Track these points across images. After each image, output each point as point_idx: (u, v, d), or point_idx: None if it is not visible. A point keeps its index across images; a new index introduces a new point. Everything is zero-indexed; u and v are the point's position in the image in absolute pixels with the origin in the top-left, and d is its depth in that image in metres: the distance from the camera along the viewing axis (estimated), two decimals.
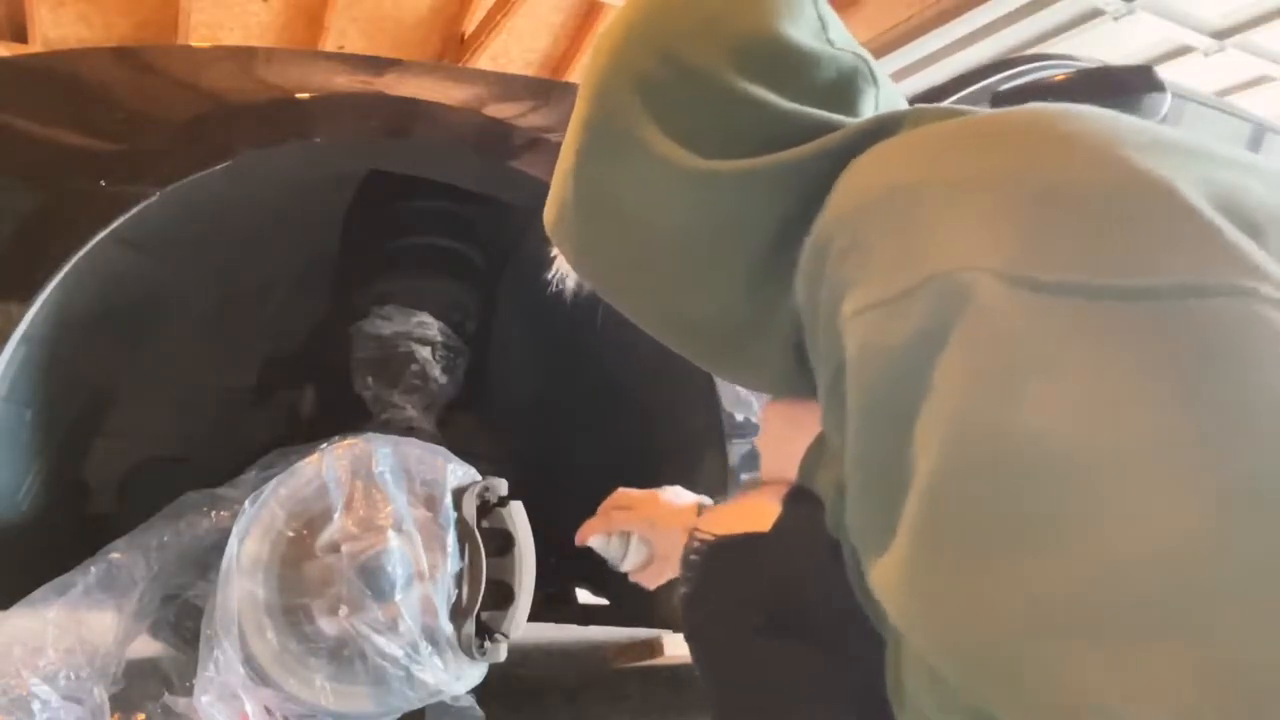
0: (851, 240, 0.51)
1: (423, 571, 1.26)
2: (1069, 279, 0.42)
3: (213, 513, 1.31)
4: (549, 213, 0.76)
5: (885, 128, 0.60)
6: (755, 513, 0.71)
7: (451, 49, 5.84)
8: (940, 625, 0.42)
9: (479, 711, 1.38)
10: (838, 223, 0.53)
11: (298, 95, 1.34)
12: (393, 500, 1.28)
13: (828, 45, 0.65)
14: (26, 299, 1.18)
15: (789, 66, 0.63)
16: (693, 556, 0.74)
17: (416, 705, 1.29)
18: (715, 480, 1.45)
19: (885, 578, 0.45)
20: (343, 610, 1.23)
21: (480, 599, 1.29)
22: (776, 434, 0.75)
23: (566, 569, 1.97)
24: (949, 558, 0.42)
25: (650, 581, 1.07)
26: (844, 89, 0.64)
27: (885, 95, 0.67)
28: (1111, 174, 0.45)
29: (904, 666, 0.53)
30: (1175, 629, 0.36)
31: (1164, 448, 0.39)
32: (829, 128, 0.61)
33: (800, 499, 0.68)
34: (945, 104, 0.70)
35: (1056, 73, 1.84)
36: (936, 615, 0.42)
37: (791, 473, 0.71)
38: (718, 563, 0.72)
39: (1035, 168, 0.47)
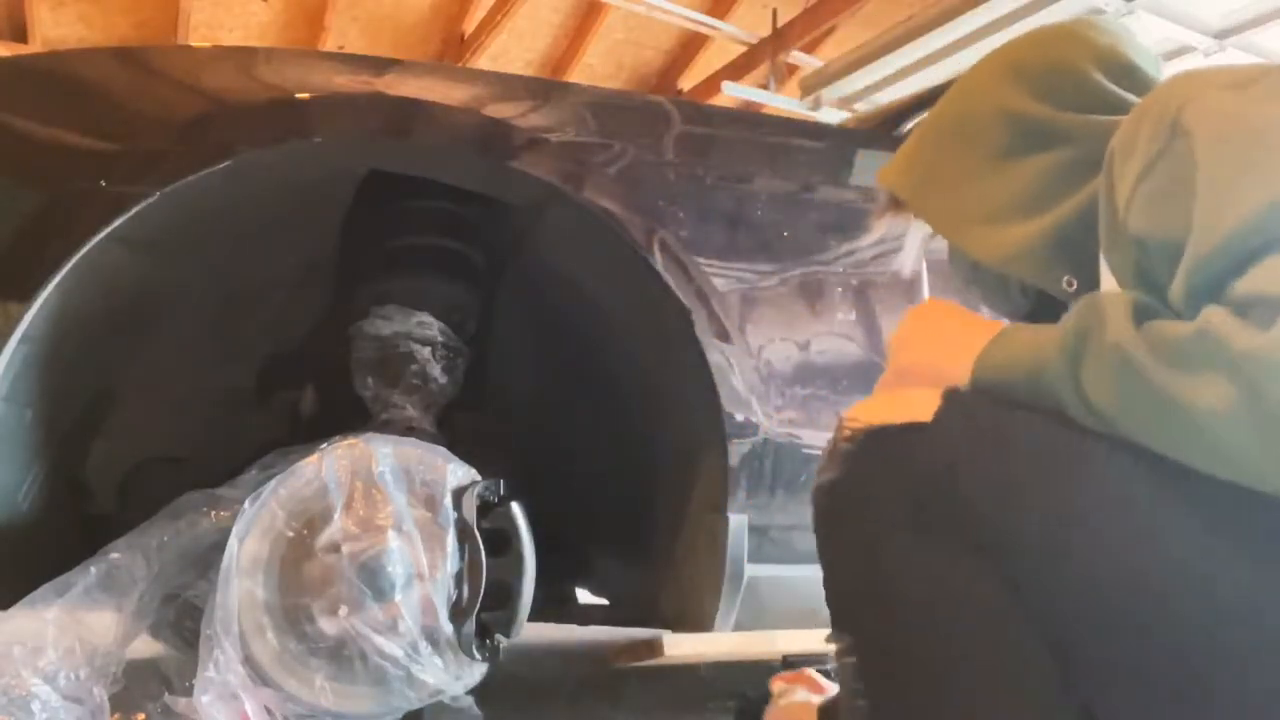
0: (1184, 79, 0.73)
1: (423, 571, 1.26)
2: None
3: (213, 513, 1.31)
4: (894, 173, 0.94)
5: None
6: (914, 403, 0.71)
7: (451, 49, 5.83)
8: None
9: (478, 711, 1.38)
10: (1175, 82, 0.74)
11: (298, 95, 1.34)
12: (393, 500, 1.28)
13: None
14: (26, 299, 1.18)
15: (1128, 73, 0.86)
16: (843, 444, 0.73)
17: (416, 705, 1.29)
18: (715, 480, 1.45)
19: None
20: (343, 610, 1.23)
21: (480, 599, 1.29)
22: (934, 327, 0.81)
23: (566, 569, 1.97)
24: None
25: None
26: None
27: None
28: None
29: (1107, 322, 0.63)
30: None
31: None
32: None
33: (975, 397, 0.70)
34: None
35: None
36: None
37: (941, 368, 0.73)
38: (871, 450, 0.72)
39: None
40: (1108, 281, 0.75)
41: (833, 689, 1.07)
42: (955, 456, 0.68)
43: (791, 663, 1.19)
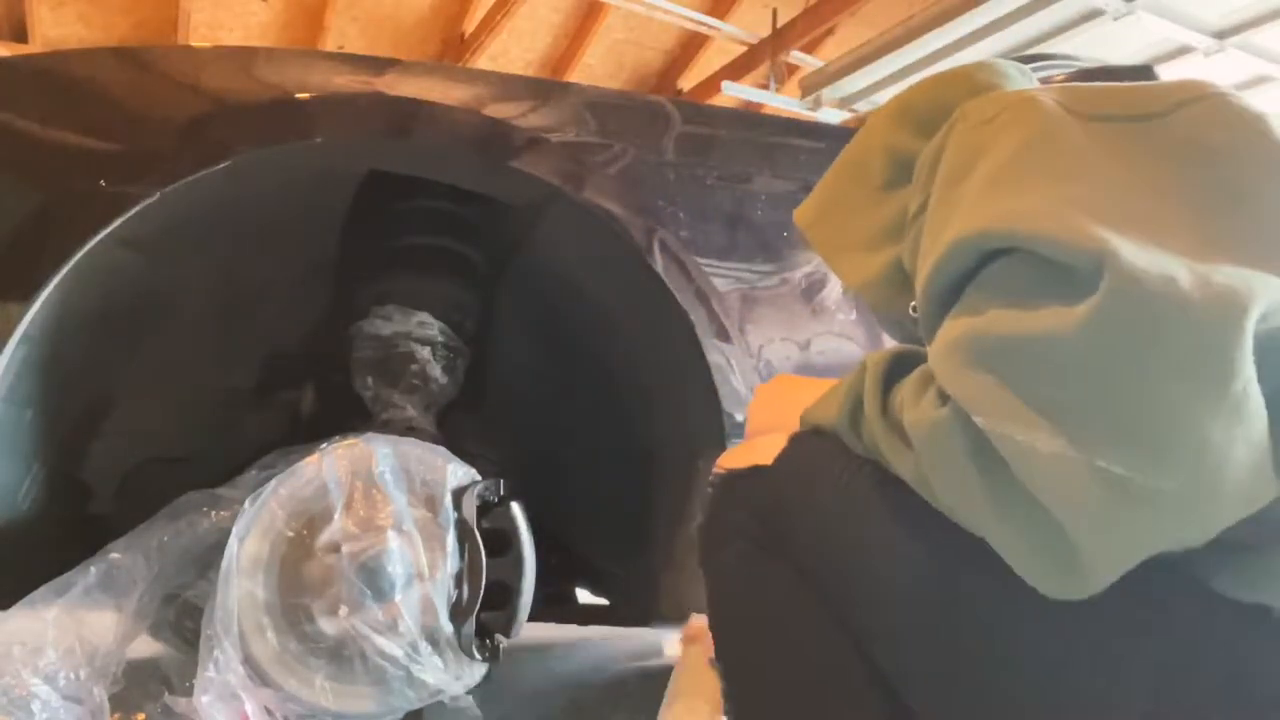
0: (960, 114, 0.76)
1: (423, 571, 1.26)
2: (1101, 112, 0.68)
3: (213, 513, 1.31)
4: (801, 208, 0.98)
5: None
6: (764, 448, 0.80)
7: (451, 49, 5.84)
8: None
9: (478, 711, 1.38)
10: (958, 112, 0.77)
11: (298, 95, 1.34)
12: (393, 500, 1.28)
13: None
14: (26, 299, 1.18)
15: None
16: (708, 489, 0.84)
17: (416, 705, 1.29)
18: None
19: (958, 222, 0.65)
20: (343, 610, 1.23)
21: (480, 599, 1.29)
22: (775, 396, 0.91)
23: (566, 569, 1.97)
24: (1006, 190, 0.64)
25: None
26: None
27: None
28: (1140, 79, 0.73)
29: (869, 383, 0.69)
30: None
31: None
32: None
33: (805, 438, 0.78)
34: None
35: (1056, 73, 1.84)
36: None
37: (780, 425, 0.82)
38: (724, 493, 0.82)
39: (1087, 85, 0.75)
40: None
41: None
42: (779, 492, 0.77)
43: None
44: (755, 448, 0.82)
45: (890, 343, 0.94)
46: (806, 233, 0.97)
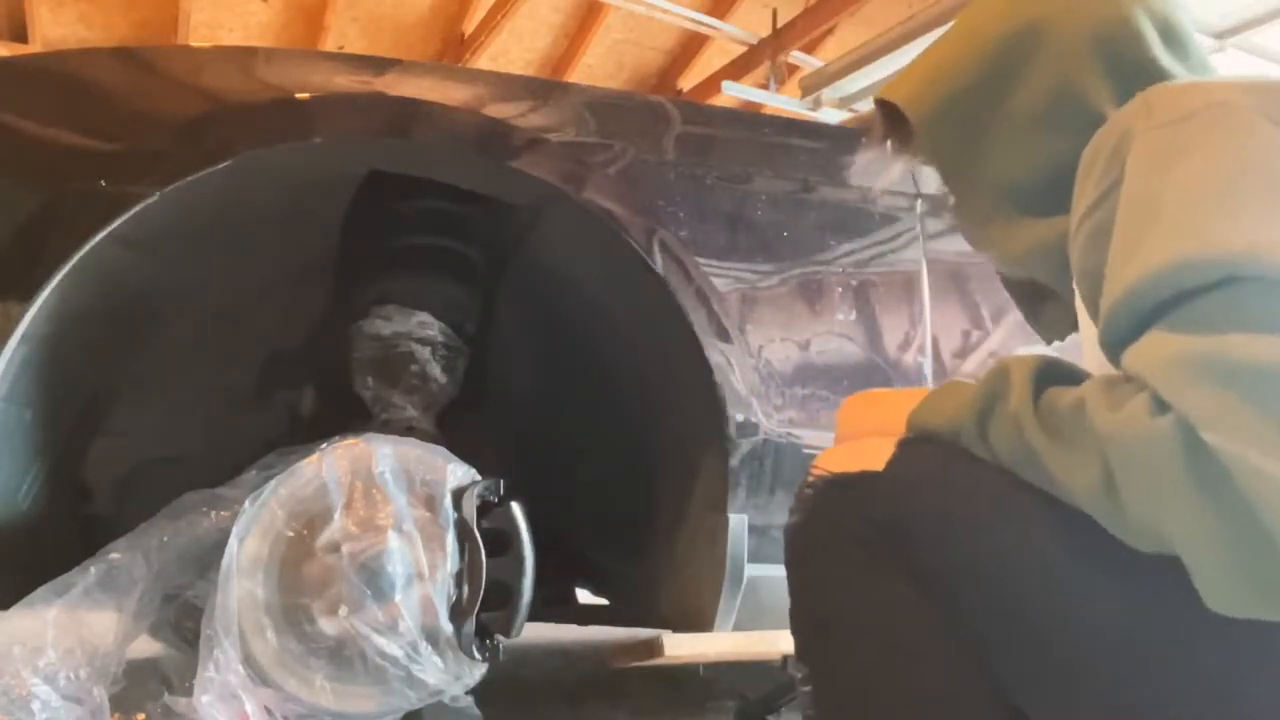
0: (1143, 105, 0.72)
1: (423, 571, 1.26)
2: None
3: (213, 513, 1.31)
4: (912, 90, 0.90)
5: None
6: (871, 452, 0.78)
7: (451, 49, 5.83)
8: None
9: (478, 711, 1.38)
10: (1139, 101, 0.73)
11: (298, 95, 1.34)
12: (393, 500, 1.28)
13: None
14: (26, 299, 1.18)
15: (1180, 39, 0.82)
16: (807, 490, 0.81)
17: (416, 705, 1.29)
18: (715, 480, 1.45)
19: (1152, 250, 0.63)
20: (343, 610, 1.23)
21: (480, 599, 1.29)
22: (868, 403, 0.90)
23: (566, 569, 1.97)
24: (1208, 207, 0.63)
25: None
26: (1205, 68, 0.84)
27: None
28: None
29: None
30: None
31: None
32: None
33: (917, 443, 0.75)
34: None
35: None
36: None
37: (877, 430, 0.80)
38: (829, 496, 0.79)
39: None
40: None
41: None
42: (899, 500, 0.74)
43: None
44: (862, 450, 0.79)
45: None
46: (918, 126, 0.87)
